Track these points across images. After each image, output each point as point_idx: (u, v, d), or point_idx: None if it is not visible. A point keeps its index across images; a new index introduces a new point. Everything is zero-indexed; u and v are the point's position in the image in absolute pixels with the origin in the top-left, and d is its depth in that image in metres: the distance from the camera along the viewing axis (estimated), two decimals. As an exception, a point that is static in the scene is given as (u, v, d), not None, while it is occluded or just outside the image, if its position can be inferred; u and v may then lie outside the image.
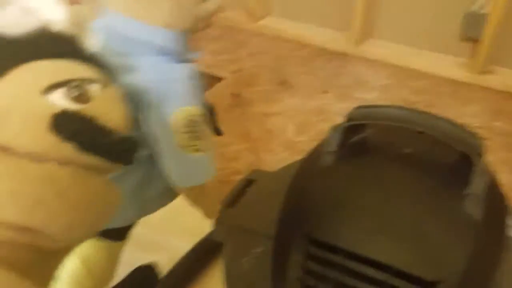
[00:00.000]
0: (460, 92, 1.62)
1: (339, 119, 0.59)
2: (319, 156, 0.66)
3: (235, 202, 0.74)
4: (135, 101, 0.61)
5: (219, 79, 1.77)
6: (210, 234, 0.90)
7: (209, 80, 1.78)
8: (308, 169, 0.67)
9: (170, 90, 0.63)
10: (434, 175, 0.58)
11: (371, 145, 0.66)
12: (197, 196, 0.77)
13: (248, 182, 0.81)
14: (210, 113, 0.76)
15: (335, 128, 0.66)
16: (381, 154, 0.64)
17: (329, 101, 1.60)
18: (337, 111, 1.55)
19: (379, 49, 1.80)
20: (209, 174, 0.71)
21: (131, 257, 0.93)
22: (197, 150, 0.66)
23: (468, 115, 1.52)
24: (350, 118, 0.67)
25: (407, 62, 1.74)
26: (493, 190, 0.59)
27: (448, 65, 1.70)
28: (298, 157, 1.35)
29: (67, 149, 0.40)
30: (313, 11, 1.95)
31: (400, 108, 0.64)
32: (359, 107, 0.68)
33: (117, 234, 0.82)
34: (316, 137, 1.38)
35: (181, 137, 0.64)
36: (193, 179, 0.70)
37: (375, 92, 1.64)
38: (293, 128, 1.48)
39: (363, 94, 1.63)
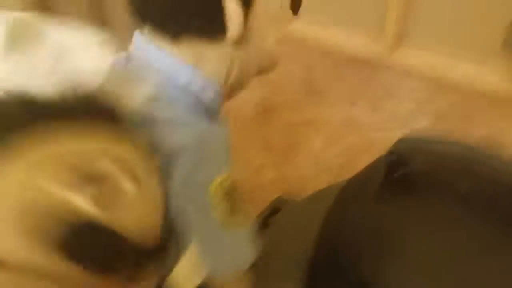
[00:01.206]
0: (500, 107, 1.52)
1: (369, 132, 0.54)
2: (360, 191, 0.59)
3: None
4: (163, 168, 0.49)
5: (243, 86, 1.70)
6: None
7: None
8: (346, 206, 0.59)
9: (210, 153, 0.54)
10: (499, 221, 0.50)
11: (419, 182, 0.59)
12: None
13: (273, 211, 0.74)
14: None
15: (375, 165, 0.59)
16: (432, 193, 0.57)
17: (358, 113, 1.52)
18: (367, 123, 1.47)
19: (413, 58, 1.69)
20: (253, 255, 0.57)
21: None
22: (239, 225, 0.56)
23: (509, 132, 1.41)
24: (394, 151, 0.60)
25: (443, 72, 1.63)
26: None
27: (488, 77, 1.59)
28: (324, 174, 1.27)
29: (76, 271, 0.31)
30: (342, 15, 1.85)
31: (451, 144, 0.57)
32: (404, 139, 0.61)
33: None
34: (344, 152, 1.32)
35: (221, 210, 0.54)
36: (236, 263, 0.56)
37: (407, 104, 1.55)
38: (319, 141, 1.41)
39: (395, 106, 1.54)
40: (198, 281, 0.49)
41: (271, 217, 0.72)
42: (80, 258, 0.31)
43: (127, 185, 0.33)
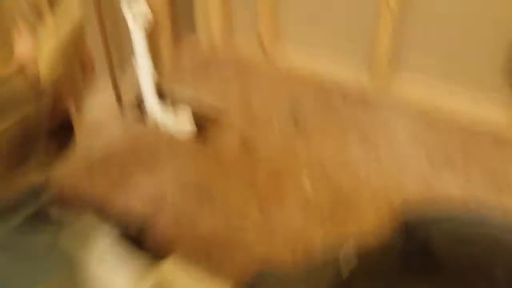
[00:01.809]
0: (504, 141, 1.40)
1: (363, 171, 0.43)
2: (373, 276, 0.47)
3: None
4: None
5: (226, 118, 1.56)
6: None
7: (214, 119, 1.58)
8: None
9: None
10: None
11: (442, 259, 0.46)
12: None
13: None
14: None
15: (389, 245, 0.47)
16: (463, 274, 0.45)
17: (350, 149, 1.39)
18: (360, 160, 1.34)
19: (407, 87, 1.58)
20: None
21: None
22: None
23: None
24: (405, 221, 0.49)
25: (440, 102, 1.52)
26: None
27: (489, 107, 1.47)
28: (314, 220, 1.12)
29: None
30: (331, 40, 1.73)
31: (472, 216, 0.46)
32: (413, 207, 0.49)
33: None
34: (337, 195, 1.17)
35: None
36: None
37: (403, 139, 1.42)
38: (309, 182, 1.27)
39: (390, 141, 1.42)
40: None
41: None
42: None
43: None
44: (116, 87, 1.52)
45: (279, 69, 1.75)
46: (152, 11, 1.50)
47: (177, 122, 1.50)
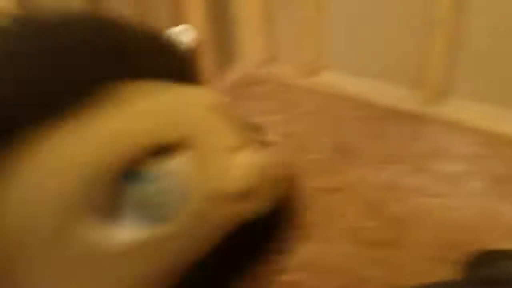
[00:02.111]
0: None
1: (415, 198, 0.35)
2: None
3: None
4: None
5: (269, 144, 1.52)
6: None
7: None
8: None
9: None
10: None
11: None
12: None
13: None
14: None
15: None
16: None
17: (401, 174, 1.31)
18: (412, 187, 1.25)
19: (460, 109, 1.49)
20: None
21: None
22: None
23: None
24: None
25: (496, 125, 1.42)
26: None
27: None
28: (362, 249, 1.05)
29: None
30: (378, 65, 1.68)
31: None
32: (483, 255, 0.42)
33: None
34: (387, 224, 1.09)
35: None
36: None
37: (459, 163, 1.33)
38: (356, 210, 1.19)
39: (444, 166, 1.32)
40: None
41: None
42: None
43: None
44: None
45: (323, 95, 1.70)
46: (196, 38, 1.51)
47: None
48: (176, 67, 0.32)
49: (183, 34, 1.39)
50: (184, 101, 0.28)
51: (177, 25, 1.43)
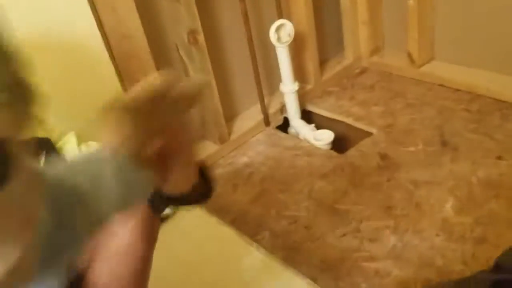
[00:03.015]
0: None
1: None
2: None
3: None
4: None
5: (368, 134, 1.55)
6: None
7: (356, 135, 1.57)
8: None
9: None
10: None
11: None
12: None
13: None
14: None
15: (477, 281, 0.43)
16: None
17: (505, 171, 1.25)
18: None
19: None
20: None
21: None
22: None
23: None
24: (499, 266, 0.44)
25: None
26: None
27: None
28: (455, 244, 1.07)
29: None
30: (488, 54, 1.59)
31: None
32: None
33: None
34: (484, 220, 1.07)
35: None
36: None
37: None
38: (453, 204, 1.18)
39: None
40: None
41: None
42: None
43: None
44: (264, 111, 1.62)
45: (430, 85, 1.66)
46: (300, 32, 1.57)
47: (317, 138, 1.54)
48: None
49: (283, 28, 1.46)
50: None
51: (281, 18, 1.50)
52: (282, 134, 1.62)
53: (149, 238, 0.60)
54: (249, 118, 1.63)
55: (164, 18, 1.33)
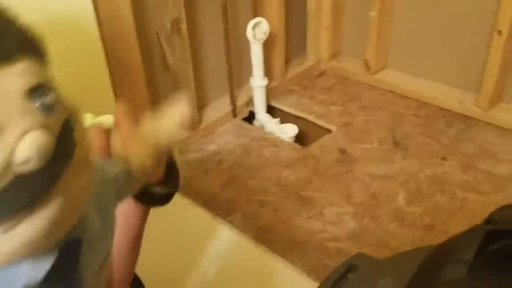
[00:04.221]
0: None
1: (460, 193, 0.47)
2: (450, 262, 0.53)
3: None
4: None
5: (327, 131, 1.68)
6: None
7: (317, 131, 1.70)
8: (433, 277, 0.54)
9: None
10: None
11: None
12: None
13: (350, 267, 0.70)
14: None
15: (471, 231, 0.53)
16: None
17: (449, 170, 1.43)
18: (458, 183, 1.37)
19: (510, 117, 1.59)
20: None
21: None
22: None
23: None
24: (491, 220, 0.54)
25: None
26: None
27: None
28: (407, 230, 1.20)
29: None
30: (436, 66, 1.79)
31: None
32: (506, 208, 0.55)
33: None
34: (431, 211, 1.23)
35: None
36: None
37: (505, 165, 1.43)
38: (404, 196, 1.33)
39: (491, 166, 1.43)
40: None
41: (348, 273, 0.68)
42: None
43: None
44: (233, 102, 1.70)
45: (382, 91, 1.83)
46: (270, 31, 1.67)
47: (282, 131, 1.65)
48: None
49: (259, 26, 1.56)
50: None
51: (254, 17, 1.60)
52: (249, 126, 1.72)
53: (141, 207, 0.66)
54: (218, 108, 1.71)
55: (149, 3, 1.38)
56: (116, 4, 1.22)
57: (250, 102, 1.76)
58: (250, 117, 1.78)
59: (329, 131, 1.66)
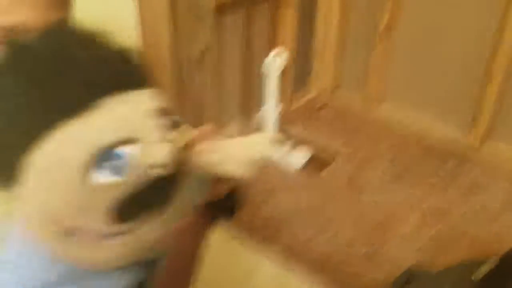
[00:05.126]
0: None
1: (459, 223, 0.51)
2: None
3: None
4: None
5: (333, 160, 1.78)
6: None
7: (323, 162, 1.80)
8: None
9: None
10: None
11: None
12: None
13: (407, 280, 0.79)
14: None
15: None
16: None
17: (448, 201, 1.56)
18: (457, 213, 1.50)
19: (500, 154, 1.74)
20: None
21: None
22: None
23: None
24: None
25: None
26: None
27: None
28: (417, 254, 1.29)
29: None
30: (433, 102, 1.92)
31: None
32: None
33: None
34: (437, 237, 1.35)
35: None
36: None
37: (497, 200, 1.57)
38: (411, 223, 1.44)
39: (485, 200, 1.57)
40: None
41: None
42: None
43: None
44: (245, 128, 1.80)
45: (381, 123, 1.96)
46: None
47: (294, 156, 1.74)
48: (138, 73, 0.48)
49: (279, 56, 1.67)
50: (132, 108, 0.44)
51: (270, 49, 1.71)
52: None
53: (198, 236, 0.71)
54: (231, 134, 1.79)
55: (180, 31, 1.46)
56: (159, 33, 1.30)
57: (259, 128, 1.85)
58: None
59: (335, 160, 1.77)
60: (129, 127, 0.43)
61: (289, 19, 1.79)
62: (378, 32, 1.84)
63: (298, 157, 1.75)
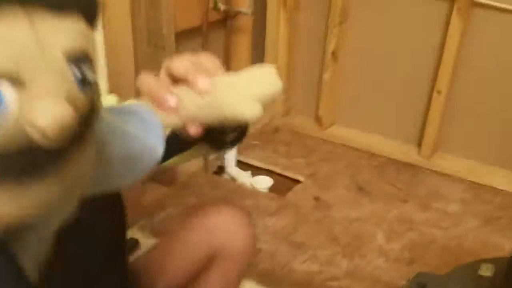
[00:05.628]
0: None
1: (426, 229, 0.54)
2: None
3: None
4: None
5: (297, 181, 1.80)
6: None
7: (286, 182, 1.81)
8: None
9: None
10: None
11: None
12: None
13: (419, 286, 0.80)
14: None
15: None
16: None
17: (410, 210, 1.62)
18: (421, 221, 1.56)
19: (450, 163, 1.86)
20: None
21: None
22: None
23: None
24: None
25: (480, 178, 1.79)
26: None
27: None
28: (393, 264, 1.33)
29: None
30: (380, 121, 2.03)
31: None
32: None
33: None
34: (408, 247, 1.40)
35: None
36: None
37: (455, 205, 1.66)
38: (382, 235, 1.48)
39: (444, 206, 1.65)
40: None
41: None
42: None
43: None
44: (205, 158, 1.77)
45: (334, 144, 2.02)
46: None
47: (257, 183, 1.74)
48: None
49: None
50: (35, 35, 0.29)
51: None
52: (221, 179, 1.78)
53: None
54: (191, 163, 1.75)
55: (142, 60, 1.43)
56: (123, 62, 1.26)
57: (219, 156, 1.83)
58: (219, 172, 1.84)
59: (298, 181, 1.78)
60: (19, 59, 0.29)
61: (243, 45, 1.82)
62: (327, 56, 1.92)
63: (262, 182, 1.75)
